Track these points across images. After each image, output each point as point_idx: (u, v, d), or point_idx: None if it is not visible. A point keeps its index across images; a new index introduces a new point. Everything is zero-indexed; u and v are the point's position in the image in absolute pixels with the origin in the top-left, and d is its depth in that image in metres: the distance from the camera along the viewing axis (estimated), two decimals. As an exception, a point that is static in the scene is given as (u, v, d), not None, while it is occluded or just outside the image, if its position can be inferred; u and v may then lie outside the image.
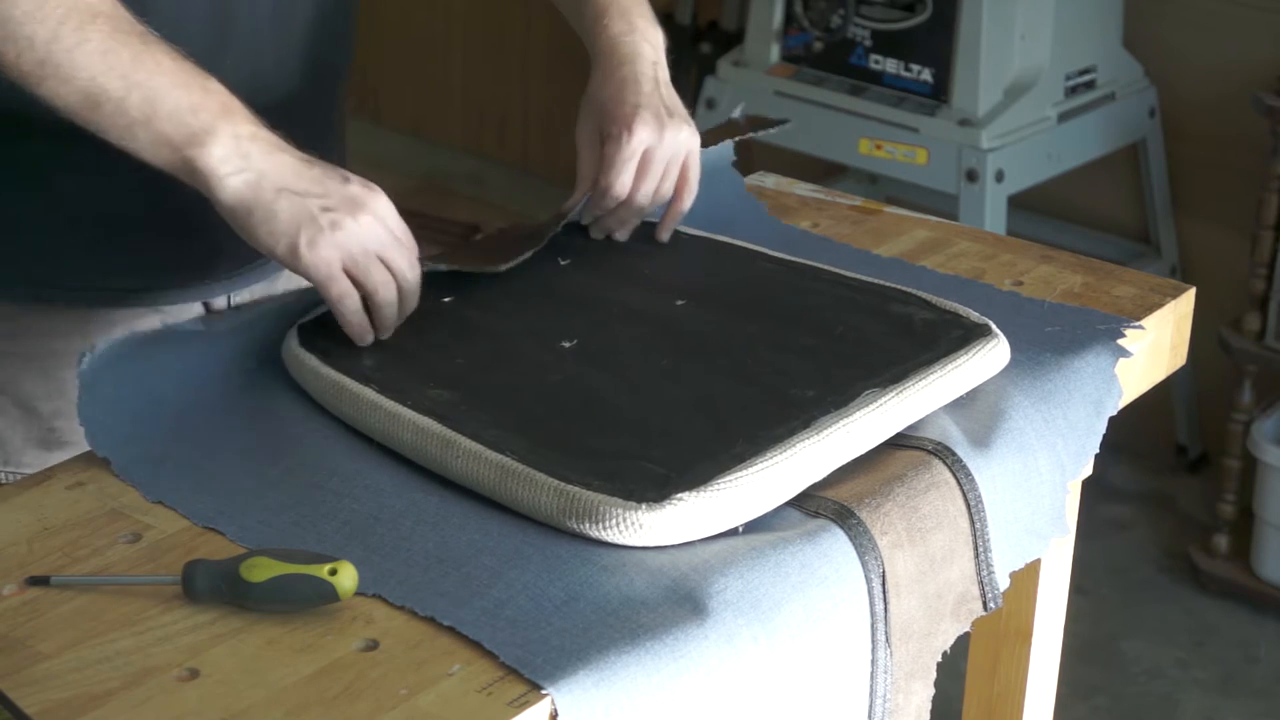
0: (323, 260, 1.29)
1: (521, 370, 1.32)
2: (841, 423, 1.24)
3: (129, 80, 1.27)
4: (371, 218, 1.31)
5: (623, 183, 1.46)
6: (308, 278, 1.31)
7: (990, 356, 1.35)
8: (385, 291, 1.32)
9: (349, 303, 1.31)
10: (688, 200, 1.51)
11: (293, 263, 1.30)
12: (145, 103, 1.28)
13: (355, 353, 1.32)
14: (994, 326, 1.37)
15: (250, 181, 1.28)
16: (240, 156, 1.28)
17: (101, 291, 1.48)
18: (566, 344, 1.36)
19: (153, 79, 1.28)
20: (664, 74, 1.49)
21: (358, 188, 1.32)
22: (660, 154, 1.47)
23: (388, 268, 1.32)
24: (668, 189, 1.49)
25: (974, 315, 1.39)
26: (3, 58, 1.28)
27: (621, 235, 1.51)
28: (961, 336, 1.36)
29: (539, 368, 1.33)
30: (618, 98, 1.46)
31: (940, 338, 1.36)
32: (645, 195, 1.48)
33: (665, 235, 1.52)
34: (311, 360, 1.31)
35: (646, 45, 1.49)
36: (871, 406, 1.26)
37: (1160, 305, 1.50)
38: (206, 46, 1.37)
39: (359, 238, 1.30)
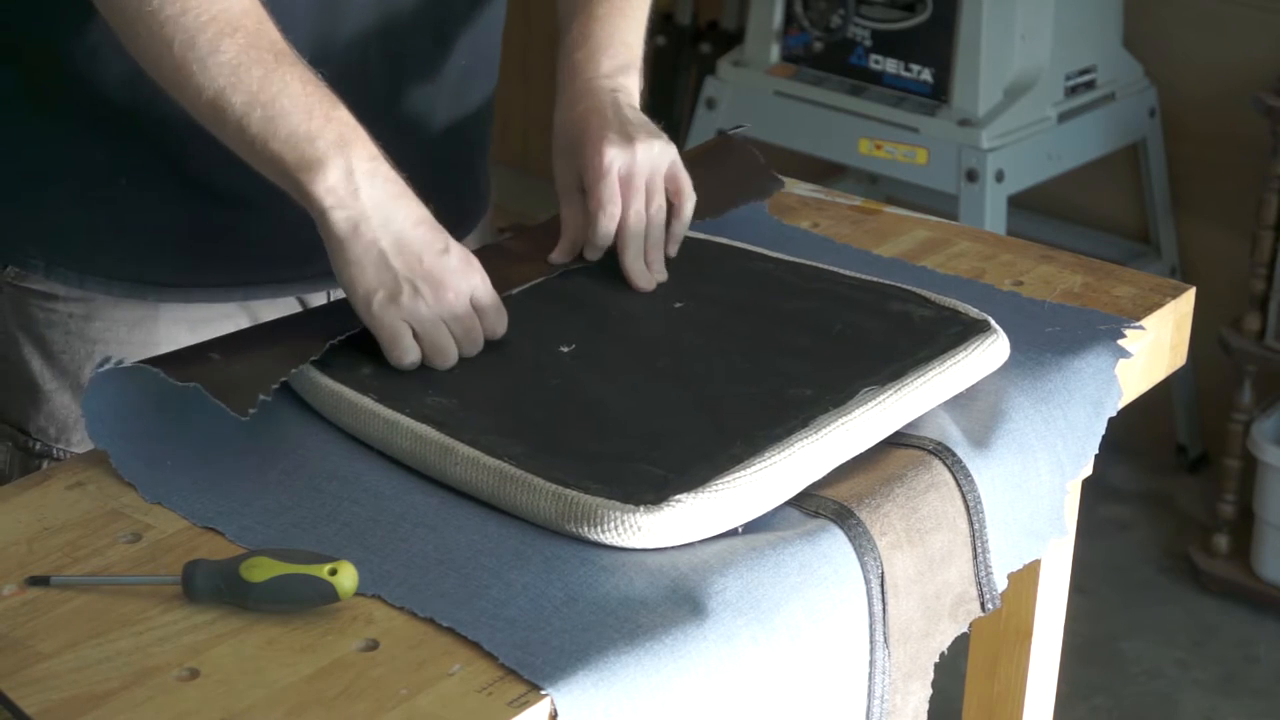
0: (389, 324, 1.30)
1: (519, 375, 1.32)
2: (840, 421, 1.24)
3: (254, 98, 1.28)
4: (453, 295, 1.31)
5: (611, 200, 1.43)
6: (371, 331, 1.32)
7: (989, 352, 1.35)
8: (443, 359, 1.32)
9: (405, 361, 1.32)
10: (687, 210, 1.48)
11: (362, 313, 1.31)
12: (266, 122, 1.28)
13: (353, 362, 1.32)
14: (993, 322, 1.37)
15: (350, 220, 1.29)
16: (347, 192, 1.29)
17: (193, 289, 1.49)
18: (565, 349, 1.36)
19: (277, 100, 1.28)
20: (627, 99, 1.46)
21: (454, 261, 1.32)
22: (638, 169, 1.44)
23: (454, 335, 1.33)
24: (659, 205, 1.46)
25: (973, 311, 1.39)
26: (144, 57, 1.30)
27: (644, 280, 1.46)
28: (960, 333, 1.36)
29: (537, 373, 1.33)
30: (581, 128, 1.45)
31: (939, 334, 1.36)
32: (638, 215, 1.45)
33: (673, 249, 1.48)
34: (310, 371, 1.30)
35: (605, 81, 1.46)
36: (870, 405, 1.26)
37: (1160, 305, 1.50)
38: (311, 39, 1.38)
39: (433, 311, 1.31)
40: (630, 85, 1.47)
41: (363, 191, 1.29)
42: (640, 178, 1.44)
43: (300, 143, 1.28)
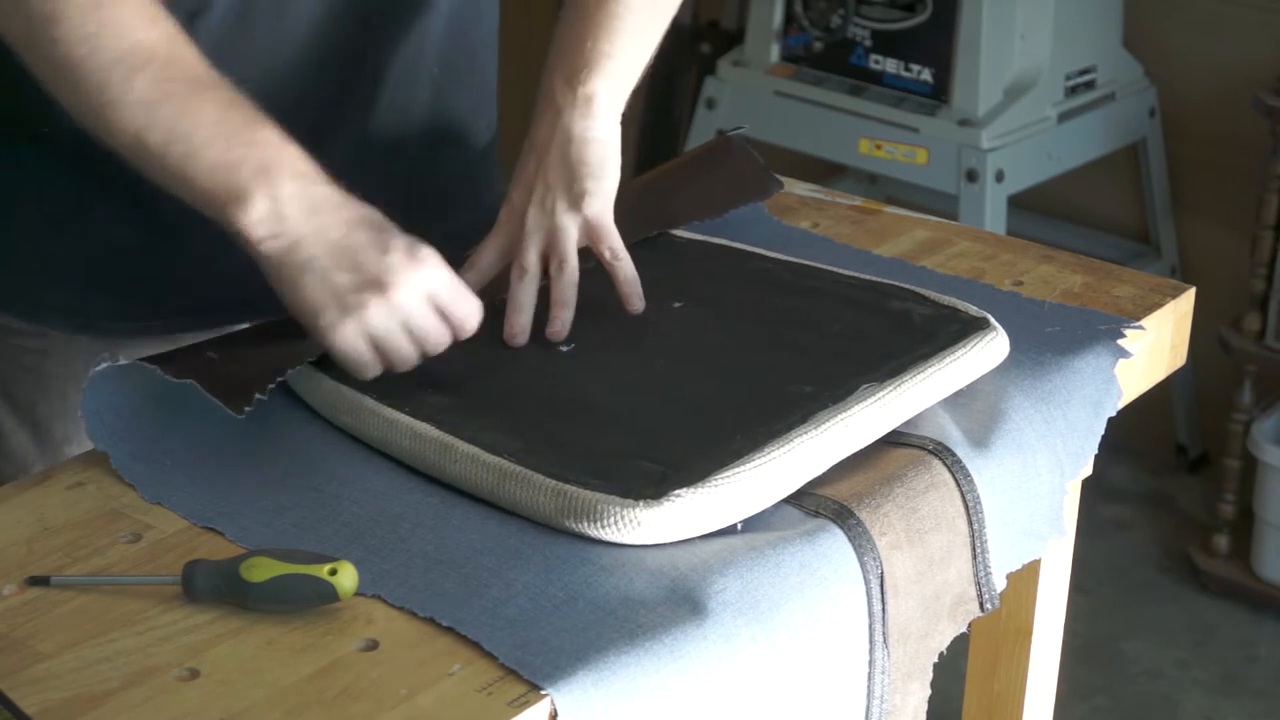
0: (346, 345, 1.26)
1: (518, 375, 1.32)
2: (840, 417, 1.24)
3: (171, 134, 1.24)
4: (404, 294, 1.25)
5: (486, 263, 1.39)
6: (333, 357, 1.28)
7: (989, 349, 1.35)
8: (403, 365, 1.28)
9: (367, 376, 1.28)
10: (620, 271, 1.39)
11: (319, 340, 1.27)
12: (186, 158, 1.24)
13: None
14: (992, 319, 1.37)
15: (282, 249, 1.25)
16: (275, 220, 1.24)
17: (142, 323, 1.46)
18: (564, 348, 1.36)
19: (194, 134, 1.24)
20: (568, 128, 1.37)
21: (398, 257, 1.26)
22: (527, 243, 1.37)
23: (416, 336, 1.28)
24: (560, 263, 1.36)
25: (972, 309, 1.39)
26: (67, 101, 1.26)
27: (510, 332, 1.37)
28: (959, 330, 1.36)
29: (536, 372, 1.33)
30: (513, 174, 1.40)
31: (938, 332, 1.36)
32: (521, 272, 1.36)
33: (630, 304, 1.40)
34: (309, 370, 1.30)
35: (548, 108, 1.38)
36: (870, 401, 1.26)
37: (1160, 305, 1.50)
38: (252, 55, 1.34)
39: (384, 317, 1.26)
40: (585, 95, 1.38)
41: (290, 216, 1.24)
42: (530, 251, 1.37)
43: (222, 175, 1.24)
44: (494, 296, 1.39)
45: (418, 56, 1.47)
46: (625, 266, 1.39)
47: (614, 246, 1.38)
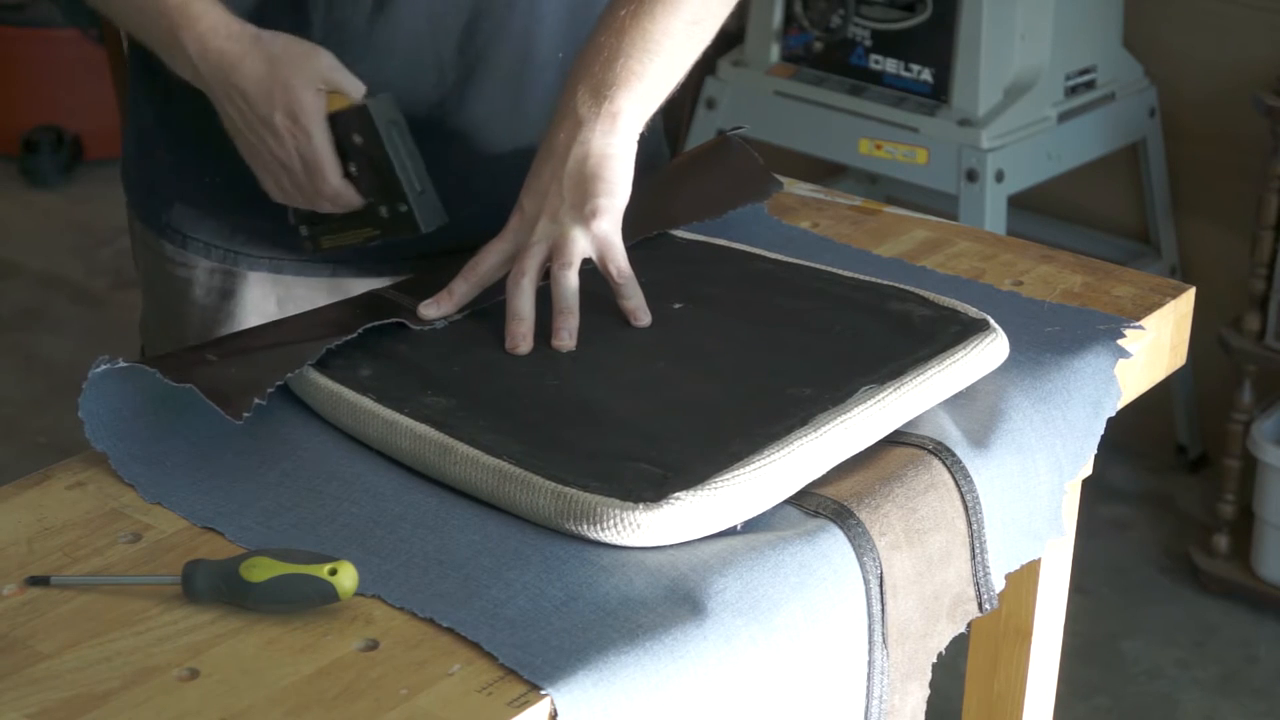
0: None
1: (518, 376, 1.32)
2: (839, 420, 1.24)
3: None
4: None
5: (488, 266, 1.39)
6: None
7: (989, 351, 1.35)
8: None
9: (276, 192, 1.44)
10: (624, 293, 1.38)
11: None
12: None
13: (353, 363, 1.32)
14: (992, 321, 1.37)
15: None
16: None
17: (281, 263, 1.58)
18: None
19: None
20: (585, 142, 1.37)
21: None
22: (531, 249, 1.37)
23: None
24: (562, 266, 1.36)
25: (972, 311, 1.39)
26: None
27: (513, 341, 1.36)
28: (959, 332, 1.36)
29: (536, 373, 1.33)
30: (525, 180, 1.40)
31: (938, 333, 1.36)
32: (514, 281, 1.36)
33: (637, 321, 1.38)
34: (309, 372, 1.30)
35: (563, 131, 1.38)
36: (870, 403, 1.26)
37: (1160, 305, 1.50)
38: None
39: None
40: (610, 112, 1.38)
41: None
42: (532, 259, 1.37)
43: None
44: (495, 299, 1.39)
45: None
46: (630, 285, 1.39)
47: (620, 266, 1.38)
